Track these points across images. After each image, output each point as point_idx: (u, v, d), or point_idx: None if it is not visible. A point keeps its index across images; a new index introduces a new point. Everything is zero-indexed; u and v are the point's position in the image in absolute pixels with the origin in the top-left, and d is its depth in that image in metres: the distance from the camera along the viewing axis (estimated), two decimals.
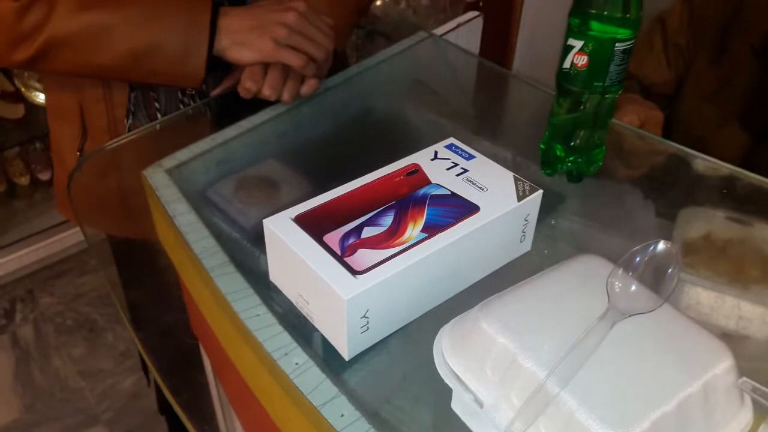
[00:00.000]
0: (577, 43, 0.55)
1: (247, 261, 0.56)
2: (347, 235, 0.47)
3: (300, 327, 0.49)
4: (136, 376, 1.56)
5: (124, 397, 1.54)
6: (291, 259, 0.47)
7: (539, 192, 0.53)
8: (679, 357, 0.39)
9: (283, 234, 0.48)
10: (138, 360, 1.52)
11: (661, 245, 0.44)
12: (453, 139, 0.58)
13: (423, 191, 0.52)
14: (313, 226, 0.48)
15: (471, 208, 0.50)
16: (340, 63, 0.83)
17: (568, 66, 0.57)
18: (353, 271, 0.44)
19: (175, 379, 0.56)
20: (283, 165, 0.72)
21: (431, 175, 0.54)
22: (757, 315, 0.52)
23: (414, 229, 0.48)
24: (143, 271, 0.67)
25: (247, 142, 0.73)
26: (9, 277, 1.75)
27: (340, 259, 0.45)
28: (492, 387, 0.39)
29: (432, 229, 0.48)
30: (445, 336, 0.43)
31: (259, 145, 0.74)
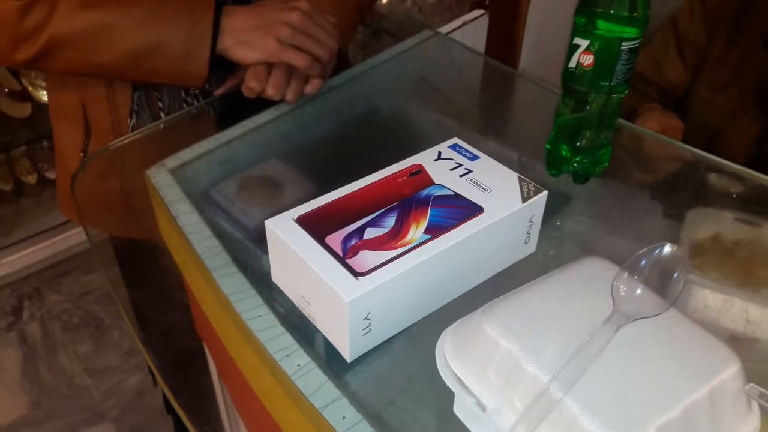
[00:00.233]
0: (583, 42, 0.55)
1: (249, 261, 0.56)
2: (349, 236, 0.47)
3: (302, 328, 0.49)
4: (142, 374, 1.57)
5: (130, 395, 1.54)
6: (293, 260, 0.47)
7: (544, 193, 0.52)
8: (685, 362, 0.38)
9: (284, 235, 0.47)
10: (144, 358, 1.52)
11: (667, 248, 0.44)
12: (457, 140, 0.58)
13: (426, 192, 0.51)
14: (315, 227, 0.48)
15: (475, 210, 0.50)
16: (343, 62, 0.82)
17: (574, 65, 0.56)
18: (355, 273, 0.44)
19: (176, 380, 0.56)
20: (286, 165, 0.71)
21: (435, 176, 0.53)
22: (766, 318, 0.51)
23: (417, 231, 0.47)
24: (146, 272, 0.67)
25: (251, 142, 0.72)
26: (16, 275, 1.76)
27: (342, 260, 0.45)
28: (495, 391, 0.39)
29: (435, 230, 0.48)
30: (448, 339, 0.43)
31: (262, 145, 0.73)
